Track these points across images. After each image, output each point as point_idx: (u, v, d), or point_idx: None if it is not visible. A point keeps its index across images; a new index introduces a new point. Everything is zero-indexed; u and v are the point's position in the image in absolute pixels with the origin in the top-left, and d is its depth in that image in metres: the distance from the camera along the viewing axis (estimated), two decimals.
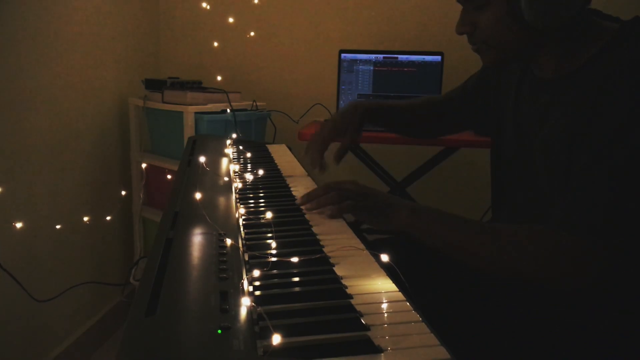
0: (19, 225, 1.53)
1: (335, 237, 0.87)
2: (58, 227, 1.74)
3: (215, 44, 2.46)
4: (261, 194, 1.10)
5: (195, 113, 1.96)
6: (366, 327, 0.59)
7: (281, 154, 1.50)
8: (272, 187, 1.17)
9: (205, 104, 2.00)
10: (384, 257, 0.78)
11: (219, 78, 2.32)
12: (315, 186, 1.21)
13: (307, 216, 0.97)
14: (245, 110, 2.13)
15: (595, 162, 0.84)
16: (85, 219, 1.89)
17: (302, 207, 1.00)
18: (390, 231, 0.96)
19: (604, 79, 0.86)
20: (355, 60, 2.18)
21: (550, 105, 0.98)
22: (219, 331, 0.54)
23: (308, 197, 1.00)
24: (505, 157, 1.13)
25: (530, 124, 1.03)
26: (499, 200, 1.20)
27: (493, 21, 0.95)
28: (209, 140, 1.57)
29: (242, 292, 0.63)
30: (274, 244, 0.82)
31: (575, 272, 0.84)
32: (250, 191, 1.12)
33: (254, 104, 2.19)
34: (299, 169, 1.36)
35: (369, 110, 1.29)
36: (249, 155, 1.45)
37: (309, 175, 1.31)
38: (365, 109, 1.28)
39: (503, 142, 1.14)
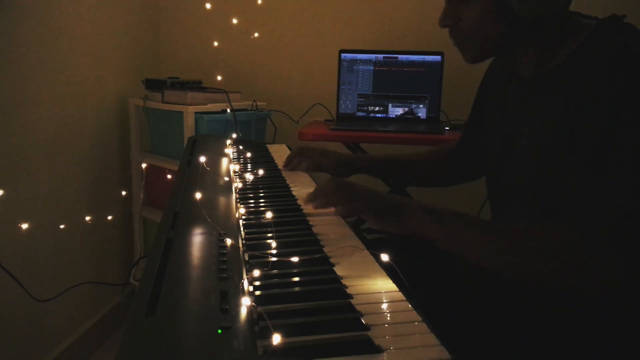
0: (19, 225, 1.53)
1: (335, 237, 0.87)
2: (58, 227, 1.74)
3: (216, 44, 2.46)
4: (261, 194, 1.10)
5: (195, 113, 1.96)
6: (366, 327, 0.59)
7: (281, 154, 1.49)
8: (272, 187, 1.17)
9: (206, 104, 2.00)
10: (384, 257, 0.78)
11: (219, 78, 2.31)
12: (316, 186, 1.21)
13: (307, 216, 0.97)
14: (245, 110, 2.13)
15: (600, 157, 0.82)
16: (86, 218, 1.89)
17: (310, 204, 0.99)
18: (401, 232, 0.93)
19: (589, 73, 0.87)
20: (355, 60, 2.18)
21: (534, 103, 0.99)
22: (219, 331, 0.54)
23: (315, 195, 0.99)
24: (494, 163, 1.12)
25: (515, 124, 1.03)
26: (496, 212, 1.19)
27: (478, 13, 0.96)
28: (209, 140, 1.57)
29: (242, 292, 0.63)
30: (274, 244, 0.82)
31: (596, 276, 0.81)
32: (251, 191, 1.12)
33: (254, 104, 2.19)
34: (299, 169, 1.36)
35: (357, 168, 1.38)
36: (249, 155, 1.45)
37: (308, 175, 1.31)
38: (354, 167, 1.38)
39: (492, 149, 1.13)
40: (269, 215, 0.92)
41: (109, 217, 2.06)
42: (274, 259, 0.75)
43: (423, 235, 0.91)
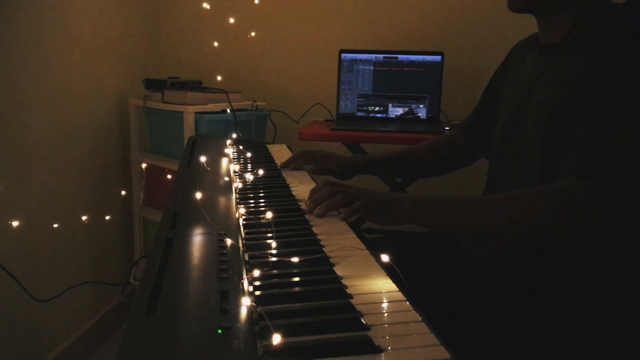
0: (19, 224, 1.53)
1: (335, 237, 0.87)
2: (58, 226, 1.74)
3: (216, 44, 2.46)
4: (261, 194, 1.10)
5: (196, 113, 1.96)
6: (366, 327, 0.58)
7: (281, 154, 1.49)
8: (272, 187, 1.17)
9: (206, 104, 2.00)
10: (384, 257, 0.78)
11: (219, 78, 2.31)
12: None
13: (307, 216, 0.97)
14: (245, 110, 2.13)
15: (600, 115, 0.86)
16: (86, 218, 1.89)
17: (312, 213, 0.98)
18: (397, 225, 0.96)
19: (610, 40, 0.90)
20: (355, 60, 2.18)
21: (549, 66, 1.01)
22: (219, 331, 0.54)
23: (314, 203, 0.98)
24: (501, 130, 1.14)
25: (525, 85, 1.06)
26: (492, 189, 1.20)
27: None
28: (209, 140, 1.57)
29: (242, 292, 0.63)
30: (274, 244, 0.81)
31: (581, 217, 0.85)
32: (251, 191, 1.11)
33: (254, 104, 2.19)
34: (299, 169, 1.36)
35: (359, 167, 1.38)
36: (249, 155, 1.45)
37: (308, 174, 1.31)
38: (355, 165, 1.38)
39: (501, 125, 1.15)
40: (269, 215, 0.92)
41: (109, 217, 2.06)
42: (274, 259, 0.75)
43: (415, 224, 0.94)
